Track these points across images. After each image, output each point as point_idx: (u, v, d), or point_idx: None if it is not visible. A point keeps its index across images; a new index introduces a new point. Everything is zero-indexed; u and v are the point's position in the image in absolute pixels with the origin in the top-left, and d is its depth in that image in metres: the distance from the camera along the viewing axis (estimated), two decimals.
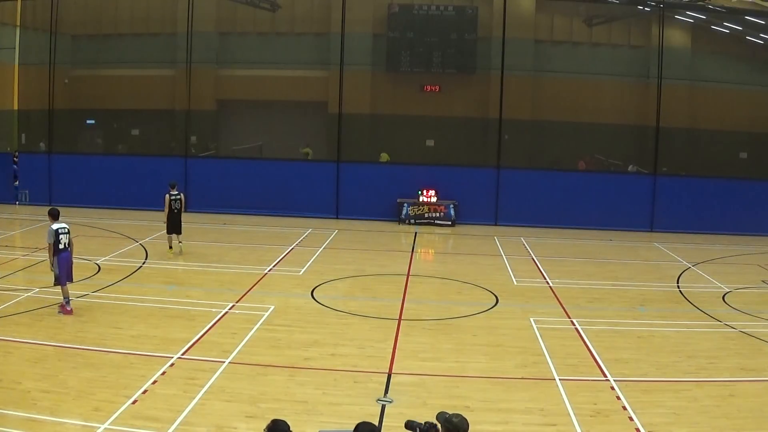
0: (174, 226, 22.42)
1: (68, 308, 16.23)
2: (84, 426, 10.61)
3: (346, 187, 30.39)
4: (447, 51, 33.50)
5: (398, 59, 34.03)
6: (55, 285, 16.42)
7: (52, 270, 16.35)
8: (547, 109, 33.07)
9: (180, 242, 22.75)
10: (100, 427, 10.55)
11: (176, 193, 22.58)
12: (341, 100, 31.19)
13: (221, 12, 35.76)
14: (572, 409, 11.55)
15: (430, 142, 34.06)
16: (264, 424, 6.83)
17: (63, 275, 16.19)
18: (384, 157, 33.34)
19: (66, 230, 16.43)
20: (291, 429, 6.79)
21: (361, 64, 33.61)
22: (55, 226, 16.32)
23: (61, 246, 16.20)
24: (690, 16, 33.68)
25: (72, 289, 17.63)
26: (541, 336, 15.39)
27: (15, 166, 32.80)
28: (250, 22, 35.86)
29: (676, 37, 33.16)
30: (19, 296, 17.00)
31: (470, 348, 14.63)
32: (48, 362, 13.39)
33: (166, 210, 22.35)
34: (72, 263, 16.62)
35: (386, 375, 12.91)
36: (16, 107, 38.01)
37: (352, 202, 30.19)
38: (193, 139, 34.12)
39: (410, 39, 33.66)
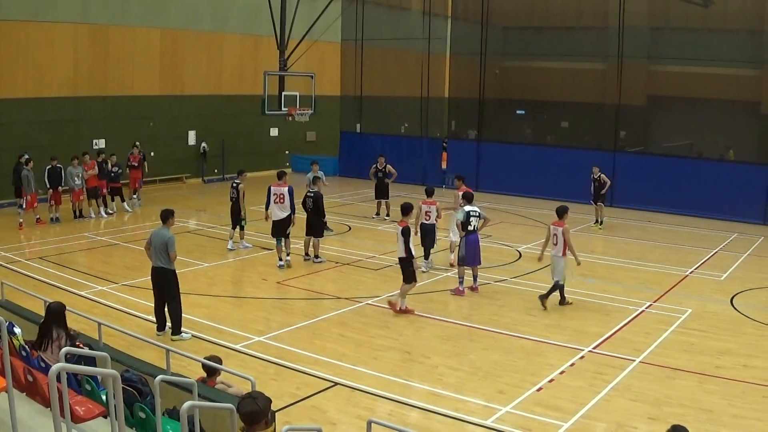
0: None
1: (460, 288, 17.12)
2: (485, 406, 11.20)
3: None
4: None
5: None
6: (458, 264, 17.41)
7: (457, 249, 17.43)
8: None
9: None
10: (502, 410, 11.06)
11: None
12: None
13: (653, 7, 35.16)
14: None
15: None
16: (664, 428, 6.87)
17: (468, 256, 17.03)
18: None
19: (477, 214, 17.29)
20: None
21: None
22: (467, 208, 17.32)
23: (470, 227, 17.08)
24: None
25: (492, 273, 18.76)
26: None
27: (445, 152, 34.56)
28: (682, 18, 34.81)
29: None
30: (438, 275, 18.28)
31: None
32: (459, 341, 14.31)
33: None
34: (479, 247, 17.42)
35: None
36: (446, 95, 40.69)
37: None
38: (623, 134, 33.93)
39: None
